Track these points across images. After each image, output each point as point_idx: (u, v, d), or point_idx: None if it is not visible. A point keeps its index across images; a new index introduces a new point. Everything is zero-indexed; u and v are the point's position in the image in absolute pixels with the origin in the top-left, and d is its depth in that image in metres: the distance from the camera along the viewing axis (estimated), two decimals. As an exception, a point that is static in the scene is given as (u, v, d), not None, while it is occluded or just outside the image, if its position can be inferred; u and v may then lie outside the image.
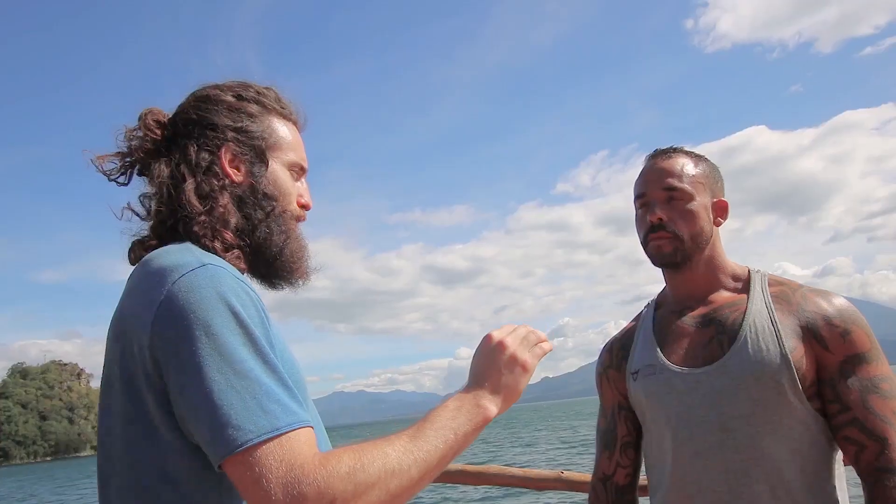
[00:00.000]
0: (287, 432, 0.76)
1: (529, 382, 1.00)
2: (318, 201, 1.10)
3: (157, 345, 0.79)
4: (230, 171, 0.98)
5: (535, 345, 0.96)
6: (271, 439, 0.74)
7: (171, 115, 1.03)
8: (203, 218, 0.94)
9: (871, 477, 1.17)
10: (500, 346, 0.93)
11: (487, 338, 0.95)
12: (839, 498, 1.23)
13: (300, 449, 0.75)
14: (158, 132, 1.00)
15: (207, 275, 0.82)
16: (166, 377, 0.79)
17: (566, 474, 2.36)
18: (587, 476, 2.36)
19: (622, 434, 1.46)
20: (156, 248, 0.92)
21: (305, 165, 1.07)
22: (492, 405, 0.89)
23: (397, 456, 0.79)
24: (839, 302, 1.28)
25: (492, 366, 0.92)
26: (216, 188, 0.96)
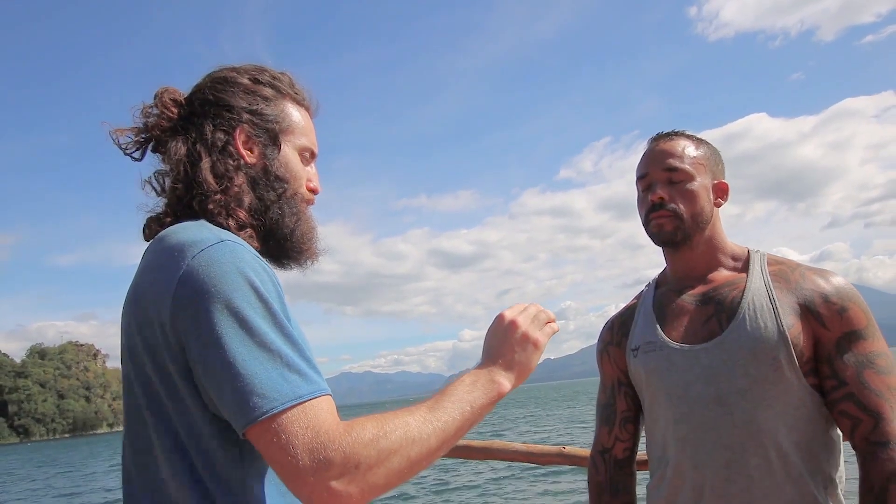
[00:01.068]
0: (309, 400, 0.77)
1: None
2: (325, 188, 1.11)
3: (178, 318, 0.80)
4: (244, 151, 0.99)
5: (546, 324, 0.98)
6: (295, 406, 0.76)
7: (186, 95, 1.03)
8: (218, 196, 0.95)
9: (866, 450, 1.18)
10: (513, 324, 0.96)
11: (500, 317, 0.97)
12: (833, 472, 1.23)
13: (324, 416, 0.77)
14: (175, 110, 1.01)
15: (227, 250, 0.83)
16: (188, 349, 0.80)
17: (567, 449, 2.38)
18: (587, 451, 2.37)
19: (622, 409, 1.47)
20: (171, 224, 0.93)
21: (316, 151, 1.08)
22: (505, 381, 0.92)
23: (417, 425, 0.81)
24: (837, 280, 1.28)
25: (505, 343, 0.94)
26: (231, 168, 0.97)
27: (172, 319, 0.80)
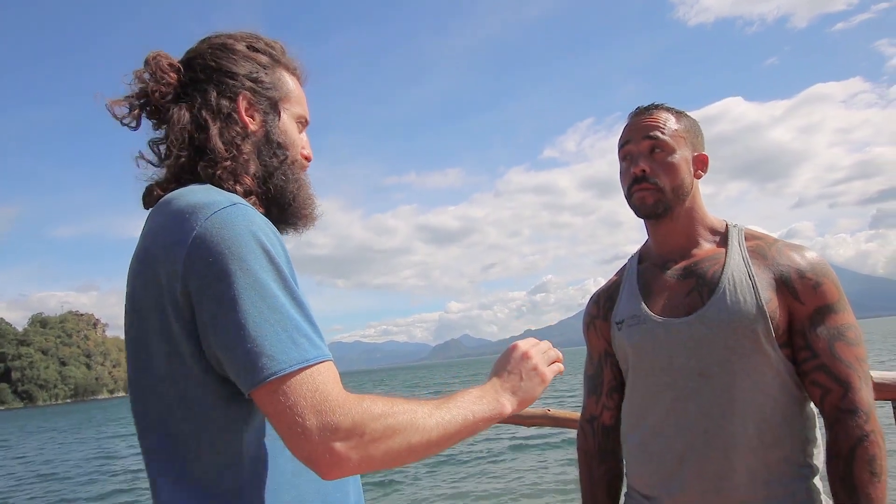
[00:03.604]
0: (316, 364, 0.77)
1: (513, 335, 1.03)
2: (317, 164, 1.10)
3: (190, 278, 0.78)
4: (246, 119, 0.97)
5: (553, 361, 1.02)
6: (303, 369, 0.75)
7: (182, 60, 1.00)
8: (228, 163, 0.93)
9: (834, 417, 1.19)
10: (526, 355, 0.99)
11: (514, 346, 1.01)
12: (807, 437, 1.25)
13: (331, 382, 0.77)
14: (174, 76, 0.97)
15: (239, 213, 0.81)
16: (198, 310, 0.78)
17: (552, 411, 2.41)
18: (570, 413, 2.40)
19: (608, 379, 1.47)
20: (175, 190, 0.90)
21: (308, 119, 1.07)
22: (508, 403, 0.94)
23: (423, 416, 0.82)
24: (811, 255, 1.28)
25: (515, 370, 0.97)
26: (237, 134, 0.95)
27: (184, 279, 0.79)
